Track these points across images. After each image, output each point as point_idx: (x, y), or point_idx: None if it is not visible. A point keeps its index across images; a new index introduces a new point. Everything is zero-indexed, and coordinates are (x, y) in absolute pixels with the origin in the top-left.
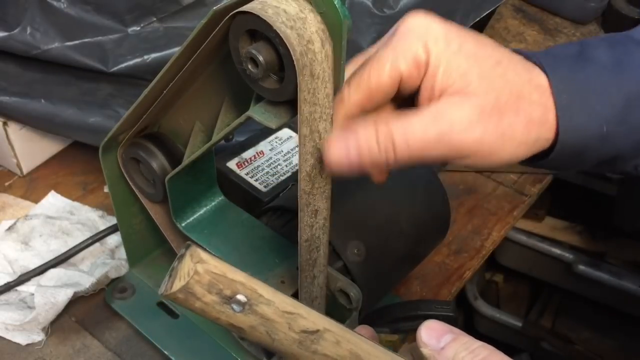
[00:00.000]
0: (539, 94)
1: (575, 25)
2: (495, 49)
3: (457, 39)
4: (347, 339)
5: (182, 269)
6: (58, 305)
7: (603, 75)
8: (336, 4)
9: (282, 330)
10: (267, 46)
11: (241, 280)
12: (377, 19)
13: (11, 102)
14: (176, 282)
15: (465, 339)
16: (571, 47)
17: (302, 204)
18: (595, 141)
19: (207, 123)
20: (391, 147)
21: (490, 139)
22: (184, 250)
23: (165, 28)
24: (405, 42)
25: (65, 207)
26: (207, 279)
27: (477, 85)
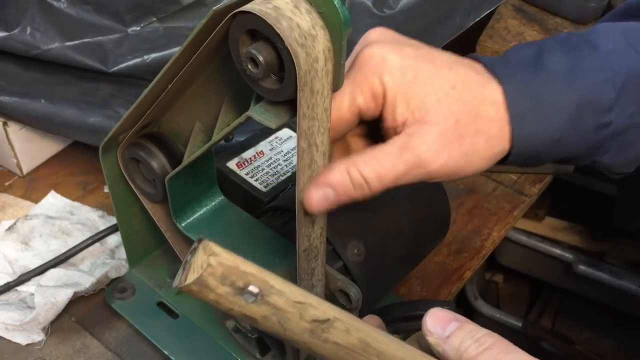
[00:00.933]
0: (495, 110)
1: (575, 25)
2: (451, 71)
3: (412, 68)
4: (356, 327)
5: (196, 262)
6: (58, 305)
7: (555, 83)
8: (336, 4)
9: (294, 320)
10: (267, 46)
11: (253, 272)
12: (377, 19)
13: (11, 102)
14: (190, 275)
15: (471, 327)
16: (529, 50)
17: (299, 216)
18: (548, 146)
19: (207, 123)
20: (365, 185)
21: (455, 161)
22: (197, 243)
23: (165, 28)
24: (361, 76)
25: (65, 207)
26: (220, 271)
27: (435, 113)
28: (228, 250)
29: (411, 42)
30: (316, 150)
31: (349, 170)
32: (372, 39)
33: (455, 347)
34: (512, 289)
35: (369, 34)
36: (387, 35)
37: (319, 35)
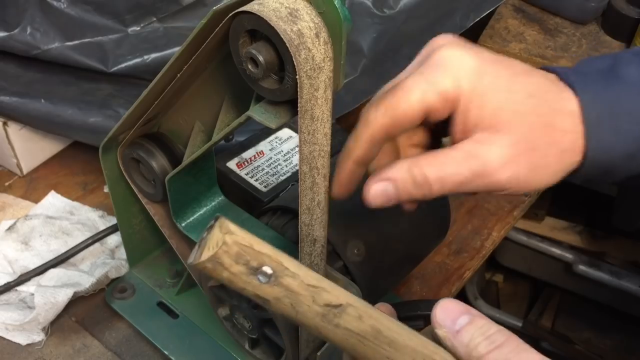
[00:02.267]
0: (571, 121)
1: (575, 25)
2: (528, 78)
3: (489, 74)
4: (369, 314)
5: (211, 240)
6: (58, 305)
7: (633, 94)
8: (336, 4)
9: (306, 303)
10: (267, 46)
11: (268, 252)
12: (377, 19)
13: (11, 102)
14: (205, 252)
15: (482, 322)
16: (603, 61)
17: (302, 234)
18: (623, 159)
19: (207, 123)
20: (426, 186)
21: (524, 173)
22: (213, 221)
23: (165, 28)
24: (436, 75)
25: (65, 207)
26: (235, 250)
27: (509, 121)
28: (244, 230)
29: (483, 49)
30: (317, 174)
31: (411, 169)
32: (443, 42)
33: (465, 343)
34: (512, 289)
35: (437, 39)
36: (458, 41)
37: (326, 67)
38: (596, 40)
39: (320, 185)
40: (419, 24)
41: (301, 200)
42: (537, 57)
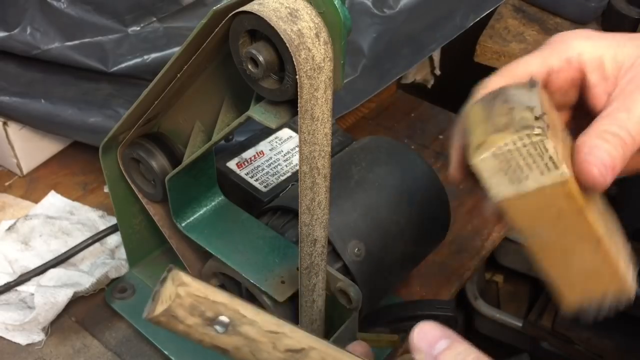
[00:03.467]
0: None
1: (575, 25)
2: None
3: (607, 38)
4: (333, 356)
5: (164, 293)
6: (58, 305)
7: None
8: (336, 4)
9: (267, 350)
10: (267, 46)
11: (223, 301)
12: (377, 19)
13: (11, 102)
14: (159, 306)
15: (461, 348)
16: None
17: (302, 235)
18: None
19: (207, 123)
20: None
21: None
22: (166, 273)
23: (165, 28)
24: (549, 48)
25: (65, 207)
26: (189, 302)
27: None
28: (198, 280)
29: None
30: (317, 174)
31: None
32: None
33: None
34: (512, 289)
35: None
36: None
37: (326, 67)
38: None
39: (320, 185)
40: (419, 24)
41: (301, 200)
42: None
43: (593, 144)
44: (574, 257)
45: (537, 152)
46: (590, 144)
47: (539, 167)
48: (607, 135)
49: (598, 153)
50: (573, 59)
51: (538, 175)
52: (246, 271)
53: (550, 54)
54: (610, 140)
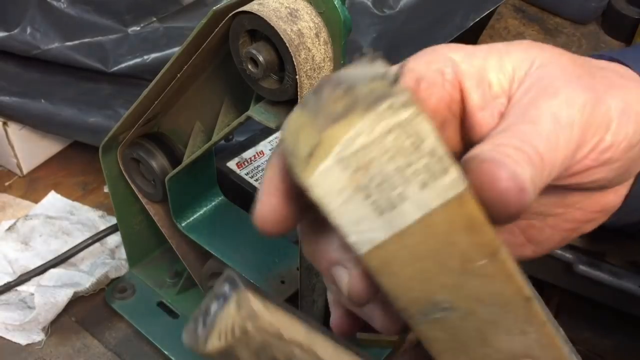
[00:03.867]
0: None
1: (575, 25)
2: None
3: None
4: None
5: (224, 320)
6: (58, 305)
7: None
8: (336, 4)
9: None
10: (267, 46)
11: (299, 339)
12: (377, 19)
13: (11, 102)
14: (214, 339)
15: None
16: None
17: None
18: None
19: (207, 123)
20: (548, 170)
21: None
22: (229, 291)
23: (165, 28)
24: (428, 55)
25: (65, 207)
26: (258, 341)
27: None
28: (269, 303)
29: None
30: None
31: (523, 147)
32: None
33: None
34: None
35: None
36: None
37: (326, 67)
38: (596, 40)
39: None
40: (419, 24)
41: None
42: None
43: (488, 158)
44: (497, 339)
45: (412, 142)
46: (484, 158)
47: (419, 172)
48: (506, 149)
49: (499, 164)
50: (447, 70)
51: (417, 191)
52: (246, 271)
53: (417, 62)
54: (512, 155)
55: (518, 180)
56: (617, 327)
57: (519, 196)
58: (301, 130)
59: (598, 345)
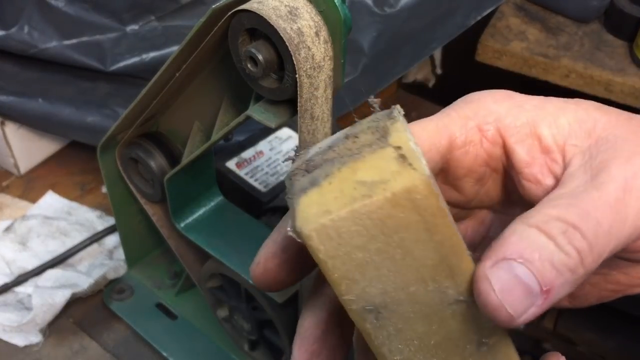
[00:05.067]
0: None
1: (577, 24)
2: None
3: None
4: None
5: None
6: (56, 307)
7: None
8: (336, 2)
9: None
10: (267, 45)
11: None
12: (378, 18)
13: (8, 102)
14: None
15: None
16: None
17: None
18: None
19: (206, 122)
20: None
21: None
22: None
23: (163, 27)
24: (467, 107)
25: (63, 207)
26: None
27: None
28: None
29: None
30: None
31: (565, 232)
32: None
33: None
34: None
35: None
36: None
37: (326, 66)
38: (598, 39)
39: None
40: (420, 23)
41: None
42: (539, 56)
43: (525, 238)
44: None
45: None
46: (520, 238)
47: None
48: (556, 225)
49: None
50: (488, 127)
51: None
52: (245, 272)
53: (452, 119)
54: (565, 233)
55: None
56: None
57: (510, 321)
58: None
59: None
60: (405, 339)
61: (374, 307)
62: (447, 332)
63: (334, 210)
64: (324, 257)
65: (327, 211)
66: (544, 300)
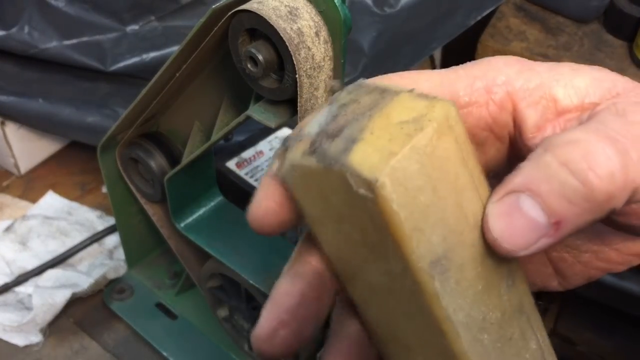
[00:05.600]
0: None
1: (577, 24)
2: None
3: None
4: None
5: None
6: (56, 306)
7: None
8: (336, 2)
9: None
10: (267, 45)
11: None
12: (378, 18)
13: (9, 102)
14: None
15: None
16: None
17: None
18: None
19: (206, 122)
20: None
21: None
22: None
23: (164, 27)
24: (477, 67)
25: (63, 207)
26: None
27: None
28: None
29: None
30: None
31: (566, 163)
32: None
33: None
34: None
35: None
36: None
37: (326, 66)
38: (598, 39)
39: None
40: (420, 23)
41: None
42: (538, 56)
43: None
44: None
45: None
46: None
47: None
48: (576, 148)
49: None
50: (496, 89)
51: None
52: (245, 272)
53: (459, 76)
54: (586, 157)
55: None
56: (618, 327)
57: (508, 252)
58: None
59: (599, 346)
60: (462, 292)
61: (438, 259)
62: (487, 274)
63: (397, 150)
64: (397, 208)
65: (391, 153)
66: (555, 231)
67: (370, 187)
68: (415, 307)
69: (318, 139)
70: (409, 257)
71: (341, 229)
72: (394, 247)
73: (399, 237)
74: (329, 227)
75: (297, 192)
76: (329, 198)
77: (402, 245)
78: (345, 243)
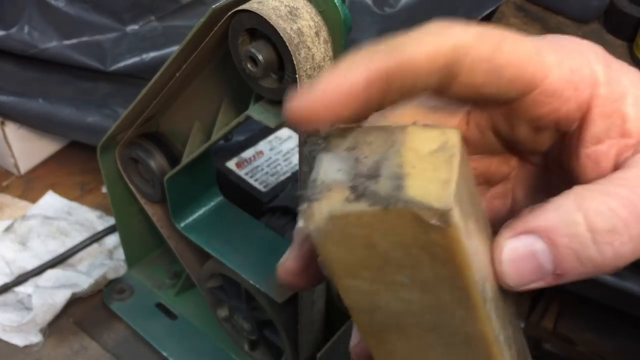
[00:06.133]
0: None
1: (577, 24)
2: None
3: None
4: None
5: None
6: (56, 307)
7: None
8: (336, 2)
9: None
10: (267, 45)
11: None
12: (378, 18)
13: (9, 102)
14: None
15: None
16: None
17: None
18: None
19: (206, 122)
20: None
21: None
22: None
23: (163, 27)
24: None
25: (63, 207)
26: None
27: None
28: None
29: None
30: None
31: (584, 209)
32: None
33: None
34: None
35: None
36: None
37: (326, 66)
38: (598, 39)
39: None
40: (420, 23)
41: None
42: None
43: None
44: None
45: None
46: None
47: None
48: (607, 217)
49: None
50: (583, 86)
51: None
52: (245, 272)
53: (551, 63)
54: (612, 232)
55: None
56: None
57: (508, 286)
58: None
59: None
60: (501, 314)
61: (483, 284)
62: (500, 293)
63: (447, 177)
64: (463, 238)
65: (445, 181)
66: (553, 279)
67: (442, 218)
68: (464, 336)
69: (358, 183)
70: (470, 284)
71: (379, 277)
72: (456, 276)
73: (465, 265)
74: (365, 277)
75: (328, 245)
76: (376, 244)
77: (466, 273)
78: (385, 291)
